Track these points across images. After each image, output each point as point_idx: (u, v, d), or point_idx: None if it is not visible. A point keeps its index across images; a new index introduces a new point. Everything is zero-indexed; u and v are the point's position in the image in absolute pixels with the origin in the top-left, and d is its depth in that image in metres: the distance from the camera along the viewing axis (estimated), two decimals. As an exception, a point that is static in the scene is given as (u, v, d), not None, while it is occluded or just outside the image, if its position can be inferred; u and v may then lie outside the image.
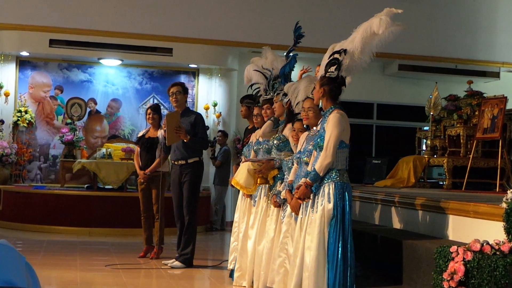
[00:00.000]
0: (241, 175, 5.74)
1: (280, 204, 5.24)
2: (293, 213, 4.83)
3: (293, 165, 5.08)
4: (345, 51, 4.57)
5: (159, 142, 7.47)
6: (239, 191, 6.09)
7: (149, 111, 7.72)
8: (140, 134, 7.86)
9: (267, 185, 5.63)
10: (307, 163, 4.76)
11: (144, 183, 7.52)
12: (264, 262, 5.37)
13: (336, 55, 4.58)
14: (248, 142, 6.37)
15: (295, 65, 5.95)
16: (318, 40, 10.52)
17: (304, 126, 5.10)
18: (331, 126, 4.42)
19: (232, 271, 6.12)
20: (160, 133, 7.47)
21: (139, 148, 7.74)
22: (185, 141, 6.79)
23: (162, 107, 11.65)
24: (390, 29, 4.47)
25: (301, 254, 4.53)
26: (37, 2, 10.87)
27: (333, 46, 4.74)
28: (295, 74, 6.20)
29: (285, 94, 5.58)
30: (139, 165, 7.64)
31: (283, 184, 5.28)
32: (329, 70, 4.61)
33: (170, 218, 7.53)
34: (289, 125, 5.49)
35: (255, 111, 6.25)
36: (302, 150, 4.92)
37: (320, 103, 4.65)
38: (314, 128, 4.81)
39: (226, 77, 11.92)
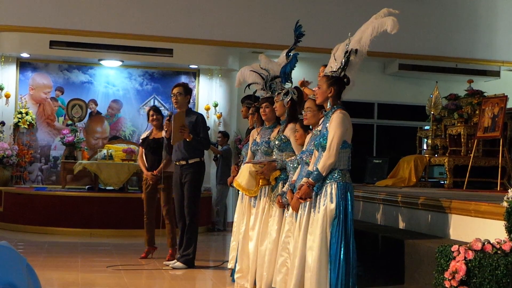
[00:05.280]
0: (242, 177, 5.72)
1: (285, 205, 5.23)
2: (294, 213, 4.83)
3: (297, 165, 5.08)
4: (356, 51, 4.55)
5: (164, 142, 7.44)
6: (239, 190, 6.08)
7: (151, 112, 7.66)
8: (144, 135, 7.82)
9: (268, 186, 5.62)
10: (307, 163, 4.76)
11: (151, 184, 7.49)
12: (267, 263, 5.36)
13: (348, 55, 4.56)
14: (247, 142, 6.38)
15: (296, 65, 5.95)
16: (319, 40, 10.54)
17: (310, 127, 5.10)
18: (335, 125, 4.41)
19: (232, 272, 6.12)
20: (163, 133, 7.44)
21: (143, 150, 7.71)
22: (188, 140, 6.79)
23: (162, 108, 11.67)
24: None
25: (300, 254, 4.54)
26: (38, 4, 10.88)
27: (337, 46, 4.72)
28: (295, 75, 6.19)
29: (286, 94, 5.57)
30: (145, 167, 7.61)
31: (287, 185, 5.27)
32: (333, 69, 4.60)
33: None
34: (290, 125, 5.47)
35: (250, 110, 6.27)
36: (304, 150, 4.93)
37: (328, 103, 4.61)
38: (317, 128, 4.81)
39: (226, 77, 11.92)
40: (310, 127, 5.05)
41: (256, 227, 5.67)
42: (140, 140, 7.91)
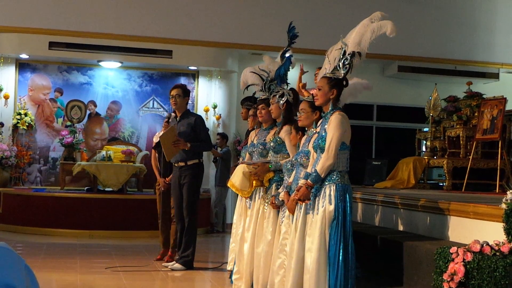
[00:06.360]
0: (236, 177, 5.73)
1: (279, 206, 5.23)
2: (290, 214, 4.83)
3: (292, 167, 5.08)
4: (359, 53, 4.53)
5: None
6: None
7: None
8: (157, 139, 7.70)
9: (262, 188, 5.61)
10: (302, 164, 4.76)
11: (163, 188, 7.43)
12: (262, 265, 5.36)
13: (348, 58, 4.54)
14: (247, 144, 6.37)
15: (290, 66, 5.93)
16: (316, 42, 10.54)
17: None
18: (333, 127, 4.40)
19: (231, 273, 6.12)
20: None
21: (156, 153, 7.62)
22: (186, 149, 6.76)
23: (161, 109, 11.68)
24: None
25: (296, 255, 4.53)
26: (37, 5, 10.88)
27: (331, 49, 4.69)
28: (292, 75, 6.18)
29: (282, 96, 5.55)
30: (158, 170, 7.53)
31: (282, 186, 5.27)
32: (332, 71, 4.59)
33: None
34: (285, 127, 5.46)
35: (250, 112, 6.26)
36: (299, 151, 4.93)
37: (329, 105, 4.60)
38: (312, 129, 4.81)
39: (226, 79, 11.92)
40: (305, 128, 5.05)
41: (251, 229, 5.66)
42: (154, 143, 7.81)
